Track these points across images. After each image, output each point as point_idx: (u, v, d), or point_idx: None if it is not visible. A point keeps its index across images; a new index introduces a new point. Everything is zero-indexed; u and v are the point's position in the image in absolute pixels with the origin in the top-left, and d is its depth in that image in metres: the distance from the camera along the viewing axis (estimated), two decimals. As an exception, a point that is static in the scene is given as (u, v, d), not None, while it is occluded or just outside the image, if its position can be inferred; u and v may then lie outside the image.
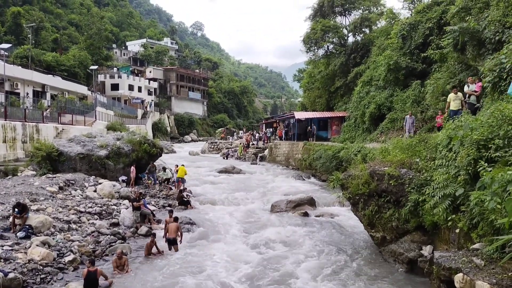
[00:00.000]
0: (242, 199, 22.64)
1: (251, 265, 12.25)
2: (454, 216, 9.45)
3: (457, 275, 7.44)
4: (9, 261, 10.84)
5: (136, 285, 10.78)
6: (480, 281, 6.87)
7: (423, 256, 11.02)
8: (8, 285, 9.46)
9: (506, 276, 6.84)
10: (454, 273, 7.54)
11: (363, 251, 13.68)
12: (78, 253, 12.45)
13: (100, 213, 16.65)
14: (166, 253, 13.37)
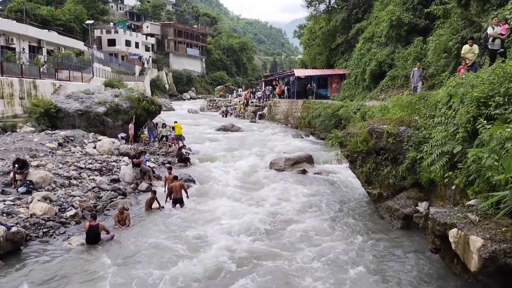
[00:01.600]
0: (241, 156, 22.75)
1: (250, 220, 12.46)
2: (451, 173, 9.54)
3: (452, 230, 7.59)
4: (12, 215, 11.01)
5: (137, 238, 11.00)
6: (474, 236, 7.01)
7: (418, 212, 11.23)
8: (11, 239, 9.65)
9: (499, 231, 6.98)
10: (449, 228, 7.69)
11: (360, 207, 13.91)
12: (79, 208, 12.65)
13: (100, 170, 16.77)
14: (166, 209, 13.58)
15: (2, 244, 9.34)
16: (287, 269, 9.19)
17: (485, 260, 6.64)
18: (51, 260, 9.48)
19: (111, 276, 8.73)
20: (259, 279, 8.64)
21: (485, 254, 6.62)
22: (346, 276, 8.70)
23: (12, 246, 9.69)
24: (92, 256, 9.86)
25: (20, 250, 9.88)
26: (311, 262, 9.57)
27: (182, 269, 8.95)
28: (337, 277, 8.67)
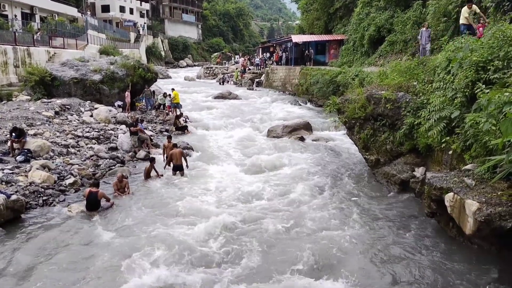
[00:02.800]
0: (239, 124, 22.74)
1: (249, 186, 12.57)
2: (448, 138, 9.57)
3: (448, 194, 7.68)
4: (11, 184, 11.05)
5: (136, 206, 11.09)
6: (469, 200, 7.11)
7: (415, 177, 11.32)
8: (11, 207, 9.71)
9: (495, 195, 7.07)
10: (445, 193, 7.78)
11: (357, 173, 14.01)
12: (78, 176, 12.70)
13: (97, 138, 16.76)
14: (165, 177, 13.64)
15: (2, 212, 9.41)
16: (284, 233, 9.32)
17: (480, 223, 6.75)
18: (52, 227, 9.57)
19: (110, 243, 8.83)
20: (256, 243, 8.76)
21: (481, 217, 6.72)
22: (342, 239, 8.83)
23: (13, 214, 9.76)
24: (92, 223, 9.96)
25: (20, 218, 9.96)
26: (308, 226, 9.69)
27: (181, 237, 9.04)
28: (333, 239, 8.80)
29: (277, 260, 8.02)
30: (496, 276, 7.11)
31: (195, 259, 8.15)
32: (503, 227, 6.60)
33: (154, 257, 8.13)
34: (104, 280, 7.23)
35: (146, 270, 7.65)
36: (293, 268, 7.68)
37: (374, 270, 7.56)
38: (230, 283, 7.26)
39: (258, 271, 7.67)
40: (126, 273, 7.51)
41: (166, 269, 7.74)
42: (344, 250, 8.35)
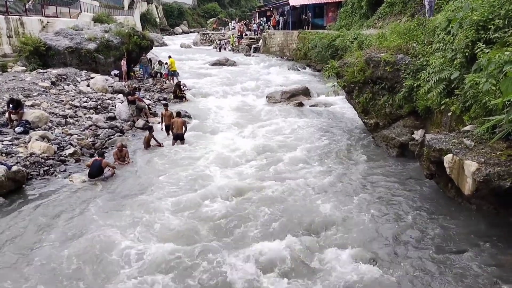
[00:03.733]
0: (237, 91, 22.60)
1: (248, 152, 12.59)
2: (447, 100, 9.52)
3: (447, 155, 7.70)
4: (11, 155, 11.06)
5: (137, 175, 11.16)
6: (468, 161, 7.14)
7: (414, 140, 11.34)
8: (12, 178, 9.75)
9: (494, 155, 7.09)
10: (444, 154, 7.80)
11: (356, 137, 14.02)
12: (78, 146, 12.70)
13: (95, 108, 16.67)
14: (165, 145, 13.65)
15: (4, 183, 9.46)
16: (285, 196, 9.39)
17: (479, 183, 6.80)
18: (53, 197, 9.64)
19: (113, 211, 8.92)
20: (256, 207, 8.86)
21: (479, 177, 6.77)
22: (342, 202, 8.93)
23: (14, 185, 9.81)
24: (93, 192, 10.03)
25: (22, 188, 10.02)
26: (307, 190, 9.77)
27: (182, 203, 9.12)
28: (332, 203, 8.89)
29: (278, 223, 8.11)
30: (494, 234, 7.23)
31: (199, 224, 8.24)
32: (501, 187, 6.65)
33: (156, 223, 8.23)
34: (107, 247, 7.33)
35: (149, 237, 7.76)
36: (294, 231, 7.78)
37: (373, 231, 7.67)
38: (233, 246, 7.36)
39: (258, 234, 7.77)
40: (129, 239, 7.61)
41: (169, 235, 7.84)
42: (344, 212, 8.45)
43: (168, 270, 6.63)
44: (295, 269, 6.55)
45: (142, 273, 6.54)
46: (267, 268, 6.53)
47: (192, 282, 6.32)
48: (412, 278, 6.14)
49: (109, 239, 7.58)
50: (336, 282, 6.10)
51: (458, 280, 5.99)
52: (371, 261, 6.68)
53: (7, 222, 8.34)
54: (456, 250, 6.80)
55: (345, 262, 6.52)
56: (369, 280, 6.10)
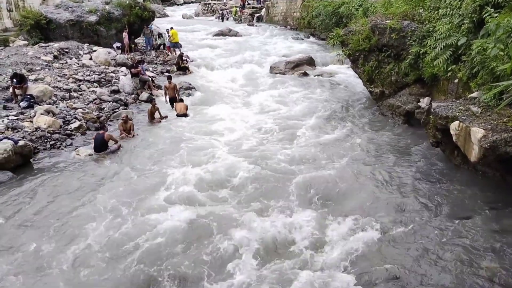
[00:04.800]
0: (240, 61, 22.35)
1: (253, 123, 12.59)
2: (454, 67, 9.40)
3: (453, 123, 7.66)
4: (17, 130, 11.10)
5: (143, 147, 11.19)
6: (475, 128, 7.10)
7: (420, 108, 11.26)
8: (19, 152, 9.82)
9: (501, 121, 7.04)
10: (451, 121, 7.76)
11: (361, 106, 13.94)
12: (83, 120, 12.71)
13: (99, 81, 16.60)
14: (169, 118, 13.64)
15: (12, 158, 9.53)
16: (291, 167, 9.42)
17: (485, 150, 6.78)
18: (61, 171, 9.73)
19: (120, 183, 8.98)
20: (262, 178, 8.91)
21: (486, 144, 6.74)
22: (348, 171, 8.96)
23: (22, 160, 9.90)
24: (100, 165, 10.11)
25: (29, 163, 10.10)
26: (314, 159, 9.80)
27: (188, 175, 9.17)
28: (338, 172, 8.92)
29: (283, 193, 8.16)
30: (500, 200, 7.26)
31: (205, 196, 8.32)
32: (508, 153, 6.63)
33: (163, 195, 8.31)
34: (115, 218, 7.43)
35: (156, 208, 7.82)
36: (300, 200, 7.84)
37: (379, 199, 7.72)
38: (238, 215, 7.42)
39: (265, 204, 7.82)
40: (137, 212, 7.70)
41: (176, 206, 7.92)
42: (350, 181, 8.48)
43: (181, 239, 6.70)
44: (301, 240, 6.60)
45: (157, 244, 6.60)
46: (273, 238, 6.60)
47: (206, 250, 6.40)
48: (417, 244, 6.20)
49: (118, 211, 7.68)
50: (341, 251, 6.16)
51: (464, 246, 6.04)
52: (376, 229, 6.74)
53: (17, 196, 8.44)
54: (462, 216, 6.83)
55: (350, 231, 6.58)
56: (375, 248, 6.17)
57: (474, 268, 5.52)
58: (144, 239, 6.72)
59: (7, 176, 9.23)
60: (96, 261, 6.30)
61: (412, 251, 6.03)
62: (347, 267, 5.74)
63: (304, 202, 7.76)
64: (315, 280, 5.43)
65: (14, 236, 7.10)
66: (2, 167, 9.33)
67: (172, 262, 6.15)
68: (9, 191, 8.65)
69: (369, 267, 5.72)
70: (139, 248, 6.53)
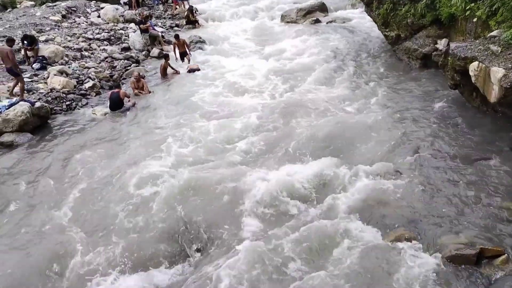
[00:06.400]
0: (250, 12, 21.81)
1: (266, 75, 12.43)
2: (472, 5, 9.00)
3: (472, 63, 7.44)
4: (32, 92, 11.19)
5: (157, 103, 11.19)
6: (495, 67, 6.89)
7: (437, 50, 10.94)
8: (37, 114, 9.93)
9: (522, 60, 6.82)
10: (469, 62, 7.53)
11: (377, 51, 13.61)
12: (96, 79, 12.72)
13: (109, 39, 16.45)
14: (182, 73, 13.56)
15: (30, 120, 9.66)
16: (308, 116, 9.33)
17: (506, 90, 6.62)
18: (78, 130, 9.86)
19: (137, 140, 9.03)
20: (280, 129, 8.89)
21: (506, 83, 6.57)
22: (365, 117, 8.85)
23: (39, 121, 10.02)
24: (117, 122, 10.20)
25: (47, 124, 10.23)
26: (331, 107, 9.68)
27: (203, 129, 9.17)
28: (355, 118, 8.82)
29: (300, 143, 8.11)
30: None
31: (221, 148, 8.36)
32: (529, 92, 6.47)
33: (179, 151, 8.33)
34: (135, 174, 7.52)
35: (173, 163, 7.87)
36: (317, 150, 7.80)
37: (396, 144, 7.63)
38: (258, 167, 7.47)
39: (283, 154, 7.82)
40: (158, 165, 7.77)
41: (193, 160, 7.98)
42: (366, 127, 8.37)
43: (197, 191, 6.77)
44: (319, 189, 6.63)
45: (174, 196, 6.71)
46: (291, 188, 6.63)
47: (219, 201, 6.50)
48: (434, 187, 6.18)
49: (135, 167, 7.76)
50: (356, 198, 6.18)
51: (483, 187, 6.01)
52: (394, 174, 6.72)
53: (39, 156, 8.61)
54: (482, 157, 6.75)
55: (369, 178, 6.57)
56: (391, 193, 6.16)
57: (493, 208, 5.51)
58: (160, 192, 6.80)
59: (26, 138, 9.41)
60: (112, 216, 6.43)
61: (429, 194, 6.02)
62: (363, 213, 5.77)
63: (319, 150, 7.72)
64: (330, 228, 5.49)
65: (42, 191, 7.32)
66: (21, 129, 9.49)
67: (188, 215, 6.23)
68: (30, 151, 8.83)
69: (386, 213, 5.74)
70: (156, 200, 6.63)
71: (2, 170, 8.07)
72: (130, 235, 5.99)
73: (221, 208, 6.36)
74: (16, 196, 7.20)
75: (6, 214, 6.75)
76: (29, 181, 7.66)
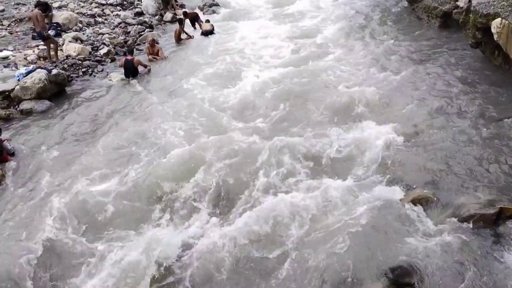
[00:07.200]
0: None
1: (283, 37, 12.25)
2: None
3: (495, 20, 7.20)
4: (49, 59, 11.23)
5: (173, 69, 11.16)
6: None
7: (458, 7, 10.56)
8: (54, 81, 9.95)
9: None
10: (492, 19, 7.29)
11: (395, 11, 13.24)
12: (111, 45, 12.68)
13: (122, 4, 16.29)
14: (196, 38, 13.43)
15: (47, 87, 9.70)
16: (324, 80, 9.23)
17: (529, 47, 6.41)
18: (95, 97, 9.89)
19: (154, 106, 9.00)
20: (294, 94, 8.79)
21: (530, 40, 6.35)
22: (384, 76, 8.70)
23: (57, 88, 10.05)
24: (133, 89, 10.19)
25: (65, 91, 10.26)
26: (349, 69, 9.55)
27: (224, 92, 9.16)
28: (375, 78, 8.68)
29: (318, 105, 8.05)
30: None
31: (237, 114, 8.34)
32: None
33: (195, 116, 8.33)
34: (155, 136, 7.57)
35: (191, 129, 7.87)
36: (335, 112, 7.75)
37: (417, 104, 7.49)
38: (269, 130, 7.45)
39: (301, 118, 7.79)
40: (172, 132, 7.80)
41: (212, 124, 8.00)
42: (385, 88, 8.25)
43: (214, 151, 6.75)
44: (336, 151, 6.60)
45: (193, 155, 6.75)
46: (308, 150, 6.63)
47: (232, 159, 6.52)
48: (456, 146, 6.07)
49: (157, 129, 7.79)
50: (378, 157, 6.15)
51: (503, 146, 5.91)
52: (412, 134, 6.64)
53: (58, 122, 8.65)
54: (503, 117, 6.58)
55: (388, 138, 6.50)
56: (410, 153, 6.13)
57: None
58: (180, 153, 6.85)
59: (45, 105, 9.46)
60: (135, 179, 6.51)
61: (448, 154, 5.94)
62: (384, 173, 5.76)
63: (337, 113, 7.67)
64: (347, 188, 5.51)
65: (70, 151, 7.49)
66: (39, 96, 9.52)
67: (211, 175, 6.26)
68: (49, 118, 8.91)
69: (405, 172, 5.72)
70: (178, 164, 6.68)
71: (23, 138, 8.18)
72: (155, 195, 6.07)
73: (243, 169, 6.37)
74: (39, 163, 7.29)
75: (34, 180, 6.83)
76: (49, 147, 7.75)
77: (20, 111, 9.24)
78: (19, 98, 9.42)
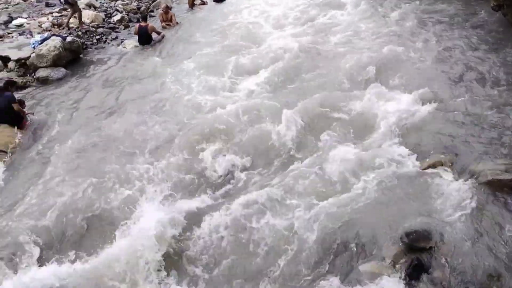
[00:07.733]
0: None
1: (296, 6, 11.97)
2: None
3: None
4: (63, 26, 11.20)
5: (186, 35, 11.06)
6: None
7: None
8: (69, 48, 9.95)
9: None
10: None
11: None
12: (124, 11, 12.60)
13: (134, -31, 16.05)
14: (210, 4, 13.22)
15: (62, 54, 9.71)
16: (344, 48, 9.04)
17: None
18: (111, 64, 9.89)
19: (169, 74, 8.88)
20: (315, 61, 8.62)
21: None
22: (402, 43, 8.46)
23: (72, 55, 10.07)
24: (147, 55, 10.16)
25: (80, 58, 10.29)
26: (364, 35, 9.37)
27: (228, 61, 9.01)
28: (392, 45, 8.41)
29: (338, 72, 7.89)
30: None
31: (256, 79, 8.19)
32: None
33: (209, 80, 8.23)
34: (176, 100, 7.60)
35: (206, 98, 7.77)
36: (352, 78, 7.59)
37: (435, 71, 7.28)
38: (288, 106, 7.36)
39: (316, 81, 7.67)
40: (193, 92, 7.79)
41: (226, 91, 7.93)
42: (403, 56, 8.03)
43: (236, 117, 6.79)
44: (352, 115, 6.51)
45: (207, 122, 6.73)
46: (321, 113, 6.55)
47: (241, 137, 6.49)
48: (476, 113, 5.89)
49: (175, 96, 7.76)
50: (392, 124, 6.04)
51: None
52: (429, 101, 6.48)
53: (75, 89, 8.67)
54: (525, 83, 6.43)
55: (406, 104, 6.37)
56: (431, 118, 5.99)
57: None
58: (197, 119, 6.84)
59: (61, 73, 9.50)
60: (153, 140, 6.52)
61: (468, 120, 5.80)
62: (401, 140, 5.66)
63: (355, 78, 7.52)
64: (364, 153, 5.46)
65: (86, 117, 7.49)
66: (54, 64, 9.54)
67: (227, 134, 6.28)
68: (66, 86, 8.94)
69: (422, 139, 5.63)
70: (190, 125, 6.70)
71: (40, 105, 8.24)
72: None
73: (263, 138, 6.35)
74: (56, 132, 7.31)
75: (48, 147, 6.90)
76: (67, 114, 7.78)
77: (36, 79, 9.29)
78: (35, 66, 9.47)
